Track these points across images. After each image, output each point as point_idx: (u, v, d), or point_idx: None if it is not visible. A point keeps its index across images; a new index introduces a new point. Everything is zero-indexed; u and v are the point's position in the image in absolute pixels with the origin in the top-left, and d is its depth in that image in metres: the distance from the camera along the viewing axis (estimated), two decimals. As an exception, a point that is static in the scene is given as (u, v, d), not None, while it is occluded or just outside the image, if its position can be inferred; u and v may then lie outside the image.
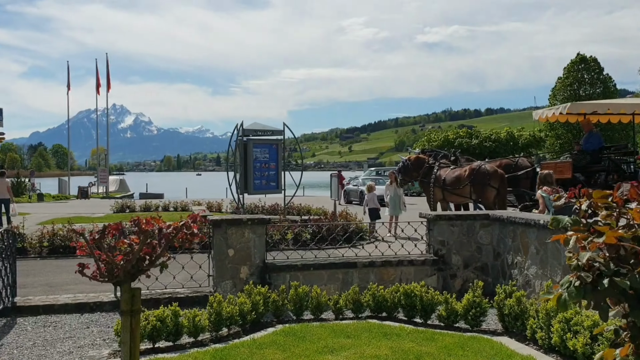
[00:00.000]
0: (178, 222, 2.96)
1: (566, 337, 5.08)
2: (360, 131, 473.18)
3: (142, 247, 2.72)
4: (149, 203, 23.52)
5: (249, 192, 16.21)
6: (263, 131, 16.50)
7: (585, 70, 47.71)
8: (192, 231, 2.88)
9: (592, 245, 1.98)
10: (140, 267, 2.84)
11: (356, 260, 8.06)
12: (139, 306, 3.02)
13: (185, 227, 2.86)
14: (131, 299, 2.92)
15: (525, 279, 7.70)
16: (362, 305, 6.82)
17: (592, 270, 1.93)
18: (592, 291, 1.89)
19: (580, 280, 1.91)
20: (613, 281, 1.84)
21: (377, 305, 6.80)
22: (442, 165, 13.93)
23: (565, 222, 2.15)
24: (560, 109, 12.23)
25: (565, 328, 5.16)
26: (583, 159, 12.58)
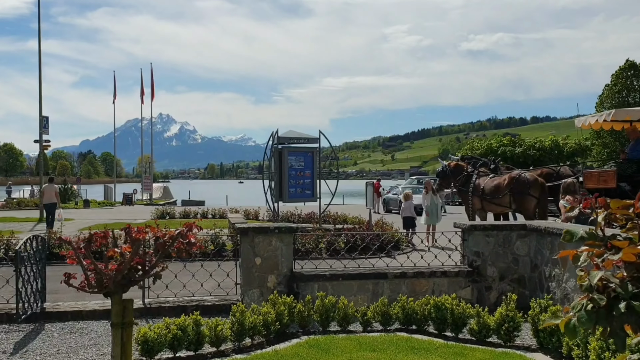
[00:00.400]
0: (174, 230, 2.87)
1: (604, 357, 4.78)
2: (403, 139, 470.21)
3: (133, 256, 2.64)
4: (188, 210, 23.82)
5: (283, 201, 16.18)
6: (298, 139, 16.46)
7: (635, 77, 45.99)
8: (189, 240, 2.79)
9: (607, 262, 1.78)
10: (132, 277, 2.77)
11: (387, 271, 7.87)
12: (131, 319, 2.94)
13: (181, 236, 2.77)
14: (122, 311, 2.82)
15: (564, 292, 7.35)
16: (391, 317, 6.64)
17: (607, 291, 1.73)
18: (606, 316, 1.69)
19: (593, 303, 1.72)
20: (631, 305, 1.64)
21: (406, 318, 6.60)
22: (481, 173, 13.57)
23: (580, 234, 1.96)
24: (604, 116, 11.73)
25: (603, 346, 4.86)
26: (629, 167, 12.01)
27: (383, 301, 6.70)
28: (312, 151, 16.52)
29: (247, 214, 22.20)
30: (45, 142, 25.04)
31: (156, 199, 49.30)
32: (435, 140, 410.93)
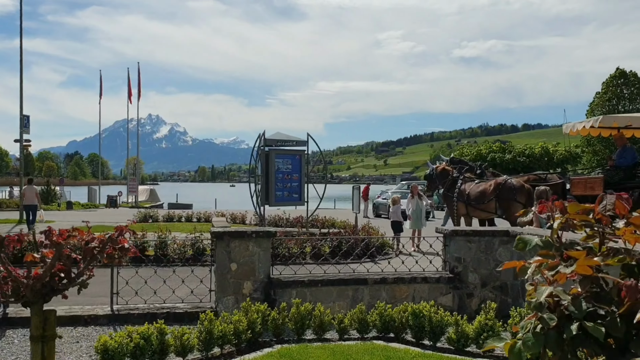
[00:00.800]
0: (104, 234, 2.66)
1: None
2: (395, 145, 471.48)
3: (54, 262, 2.42)
4: (172, 213, 23.49)
5: (270, 204, 15.93)
6: (286, 141, 16.23)
7: (625, 85, 46.20)
8: (122, 246, 2.57)
9: (560, 276, 1.59)
10: (54, 286, 2.54)
11: (367, 277, 7.68)
12: (53, 332, 2.70)
13: (112, 240, 2.56)
14: (43, 323, 2.56)
15: (547, 301, 7.19)
16: (368, 325, 6.44)
17: (559, 310, 1.53)
18: (556, 339, 1.48)
19: (542, 323, 1.52)
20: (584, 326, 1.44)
21: (384, 325, 6.41)
22: (466, 178, 13.42)
23: (535, 243, 1.77)
24: (591, 122, 11.62)
25: (583, 359, 4.70)
26: (616, 175, 11.89)
27: (360, 308, 6.51)
28: (300, 154, 16.30)
29: (234, 217, 21.94)
30: (25, 141, 24.63)
31: (142, 201, 48.81)
32: (427, 146, 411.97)
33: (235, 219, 21.74)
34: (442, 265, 8.20)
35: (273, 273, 7.53)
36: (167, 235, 12.07)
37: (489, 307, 6.07)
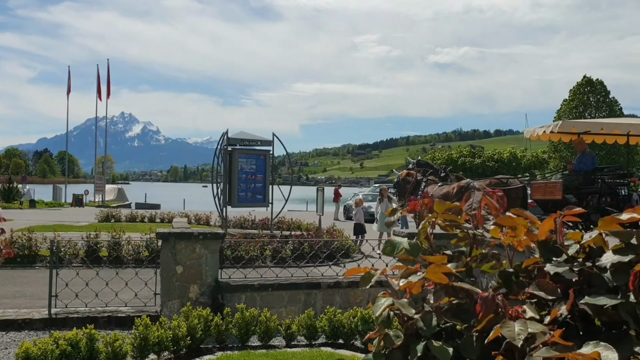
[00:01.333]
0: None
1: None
2: (372, 148, 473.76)
3: None
4: (135, 213, 23.01)
5: (232, 205, 15.67)
6: (250, 141, 15.98)
7: (591, 92, 47.09)
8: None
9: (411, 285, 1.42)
10: None
11: (320, 281, 7.50)
12: None
13: None
14: None
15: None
16: (317, 330, 6.26)
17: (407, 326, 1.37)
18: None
19: (386, 342, 1.35)
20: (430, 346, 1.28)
21: (333, 331, 6.23)
22: (429, 181, 13.36)
23: (402, 247, 1.61)
24: (551, 127, 11.66)
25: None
26: (575, 179, 11.96)
27: (309, 314, 6.32)
28: (265, 154, 16.07)
29: (198, 218, 21.56)
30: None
31: (109, 201, 47.96)
32: (403, 150, 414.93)
33: (199, 219, 21.37)
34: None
35: (222, 277, 7.31)
36: (121, 236, 11.72)
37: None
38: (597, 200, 11.55)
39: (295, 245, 12.02)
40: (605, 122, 12.52)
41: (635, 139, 12.91)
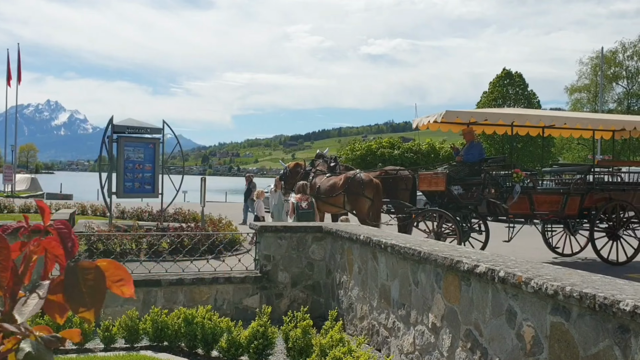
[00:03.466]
0: None
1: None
2: (304, 139, 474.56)
3: None
4: (29, 204, 21.57)
5: (118, 196, 14.77)
6: (139, 128, 15.10)
7: (510, 85, 48.54)
8: None
9: None
10: None
11: (160, 278, 6.92)
12: None
13: None
14: None
15: (349, 301, 6.79)
16: (139, 332, 5.70)
17: None
18: None
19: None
20: None
21: (157, 333, 5.69)
22: (318, 172, 13.02)
23: None
24: (435, 117, 11.54)
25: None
26: (461, 170, 11.93)
27: (131, 313, 5.75)
28: (155, 142, 15.24)
29: (95, 209, 20.44)
30: None
31: (20, 191, 45.41)
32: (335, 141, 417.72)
33: (95, 210, 20.27)
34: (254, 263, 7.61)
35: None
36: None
37: (264, 311, 5.49)
38: (480, 192, 11.54)
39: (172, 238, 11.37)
40: (489, 112, 12.54)
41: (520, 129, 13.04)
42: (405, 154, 40.82)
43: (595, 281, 3.61)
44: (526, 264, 4.32)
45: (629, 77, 47.86)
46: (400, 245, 5.45)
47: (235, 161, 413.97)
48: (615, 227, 11.97)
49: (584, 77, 48.84)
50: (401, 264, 5.58)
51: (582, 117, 12.68)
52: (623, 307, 3.01)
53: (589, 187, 11.68)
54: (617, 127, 12.44)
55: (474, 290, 4.40)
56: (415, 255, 5.15)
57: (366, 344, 5.90)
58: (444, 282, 4.82)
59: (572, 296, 3.35)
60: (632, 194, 11.91)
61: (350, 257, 6.76)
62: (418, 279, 5.26)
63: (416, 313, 5.28)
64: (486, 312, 4.24)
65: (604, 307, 3.14)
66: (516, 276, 3.83)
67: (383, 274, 5.97)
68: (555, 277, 3.69)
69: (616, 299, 3.08)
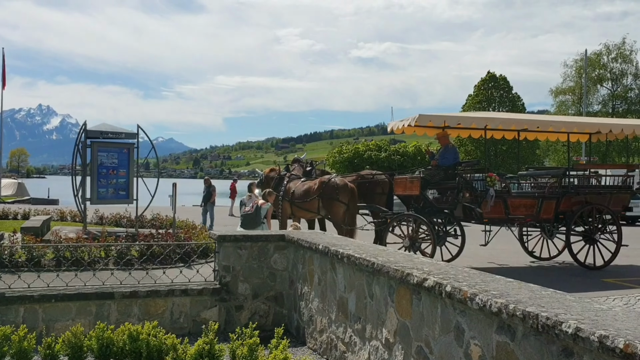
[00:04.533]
0: None
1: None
2: (296, 141, 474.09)
3: None
4: (7, 210, 21.20)
5: (91, 202, 14.49)
6: (113, 133, 14.82)
7: (494, 88, 48.60)
8: None
9: None
10: None
11: (114, 290, 6.65)
12: None
13: None
14: None
15: (310, 313, 6.56)
16: (83, 350, 5.43)
17: None
18: None
19: None
20: None
21: (102, 351, 5.41)
22: (292, 177, 12.78)
23: None
24: (409, 121, 11.36)
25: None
26: (436, 174, 11.75)
27: (75, 330, 5.48)
28: (130, 147, 14.97)
29: (74, 215, 20.07)
30: None
31: (7, 196, 44.92)
32: (327, 143, 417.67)
33: (75, 216, 19.89)
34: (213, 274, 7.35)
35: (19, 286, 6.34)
36: None
37: (210, 328, 5.23)
38: (455, 196, 11.37)
39: (141, 247, 11.09)
40: (462, 116, 12.37)
41: (496, 133, 12.87)
42: (392, 157, 40.68)
43: (544, 297, 3.40)
44: (478, 276, 4.11)
45: (614, 79, 48.00)
46: (356, 256, 5.23)
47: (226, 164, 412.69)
48: (592, 231, 11.82)
49: (569, 80, 48.97)
50: (357, 275, 5.35)
51: (555, 121, 12.54)
52: (565, 329, 2.79)
53: (564, 190, 11.53)
54: (592, 130, 12.30)
55: (424, 305, 4.18)
56: (370, 267, 4.93)
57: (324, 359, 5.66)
58: (397, 295, 4.60)
59: (515, 315, 3.14)
60: (608, 197, 11.76)
61: (311, 267, 6.53)
62: (373, 291, 5.04)
63: (371, 327, 5.06)
64: (436, 328, 4.03)
65: (546, 328, 2.92)
66: (462, 291, 3.62)
67: (341, 286, 5.74)
68: (502, 293, 3.47)
69: (559, 319, 2.85)
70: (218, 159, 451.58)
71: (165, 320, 6.76)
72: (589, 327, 2.65)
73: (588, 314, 2.93)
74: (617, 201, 11.91)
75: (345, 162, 42.07)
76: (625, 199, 12.13)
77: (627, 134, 12.04)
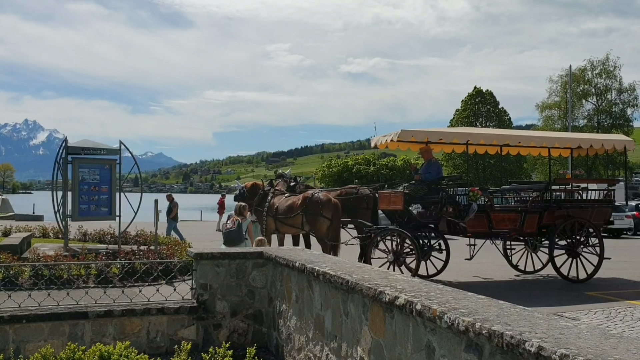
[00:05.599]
0: None
1: None
2: (286, 155, 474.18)
3: None
4: (-12, 227, 20.87)
5: (73, 219, 14.34)
6: (94, 149, 14.71)
7: (481, 103, 48.99)
8: None
9: None
10: None
11: (87, 310, 6.54)
12: None
13: None
14: None
15: (288, 331, 6.48)
16: (52, 373, 5.31)
17: None
18: None
19: None
20: None
21: (72, 372, 5.31)
22: (277, 192, 12.73)
23: None
24: (392, 136, 11.38)
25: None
26: (420, 189, 11.75)
27: (45, 351, 5.36)
28: (111, 164, 14.86)
29: (56, 232, 19.83)
30: None
31: (-10, 212, 44.49)
32: (318, 157, 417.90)
33: (57, 233, 19.64)
34: (191, 292, 7.26)
35: None
36: None
37: (183, 348, 5.15)
38: (439, 210, 11.36)
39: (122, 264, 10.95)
40: (444, 132, 12.41)
41: (477, 147, 12.91)
42: (380, 171, 40.75)
43: (512, 315, 3.37)
44: (450, 294, 4.07)
45: (598, 94, 48.59)
46: (331, 274, 5.18)
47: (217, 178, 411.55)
48: (575, 244, 11.85)
49: (554, 95, 49.51)
50: (333, 293, 5.30)
51: (537, 136, 12.62)
52: (528, 348, 2.76)
53: (546, 204, 11.56)
54: (573, 145, 12.39)
55: (397, 323, 4.14)
56: (344, 285, 4.88)
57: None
58: (370, 313, 4.56)
59: (481, 333, 3.11)
60: (590, 211, 11.82)
61: (289, 284, 6.47)
62: (348, 309, 4.99)
63: (347, 346, 5.00)
64: (408, 346, 3.98)
65: (511, 347, 2.89)
66: (432, 309, 3.58)
67: (317, 304, 5.68)
68: (470, 311, 3.44)
69: (522, 338, 2.83)
70: (208, 174, 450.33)
71: (141, 340, 6.65)
72: (551, 345, 2.63)
73: (553, 332, 2.90)
74: (599, 215, 11.97)
75: (335, 176, 42.10)
76: (607, 212, 12.20)
77: (607, 148, 12.13)
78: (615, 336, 2.81)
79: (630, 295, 10.51)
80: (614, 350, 2.53)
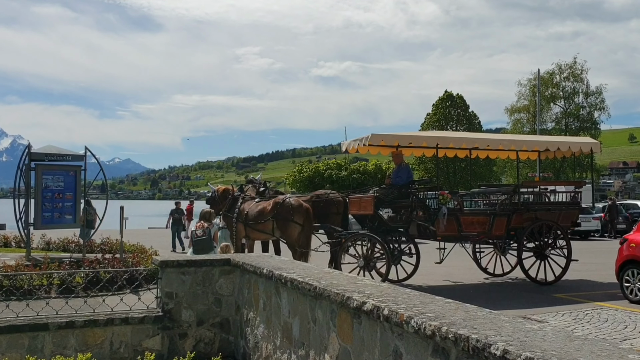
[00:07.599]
0: None
1: None
2: (257, 160, 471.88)
3: None
4: None
5: (35, 227, 13.94)
6: (59, 155, 14.35)
7: (452, 106, 49.57)
8: None
9: None
10: None
11: (48, 321, 6.31)
12: None
13: None
14: None
15: (255, 339, 6.35)
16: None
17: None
18: None
19: None
20: None
21: (30, 387, 5.11)
22: (246, 197, 12.58)
23: None
24: (363, 141, 11.37)
25: None
26: (390, 193, 11.75)
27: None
28: (76, 170, 14.50)
29: (18, 240, 19.26)
30: None
31: (-52, 222, 43.09)
32: (289, 162, 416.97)
33: (19, 242, 19.08)
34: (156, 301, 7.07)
35: None
36: None
37: (147, 359, 4.99)
38: (409, 214, 11.37)
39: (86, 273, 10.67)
40: (413, 136, 12.46)
41: (447, 151, 13.00)
42: (352, 175, 40.82)
43: (478, 318, 3.33)
44: (417, 298, 4.02)
45: (566, 98, 49.62)
46: (299, 280, 5.08)
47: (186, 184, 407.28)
48: (543, 246, 11.98)
49: (523, 98, 50.39)
50: (301, 299, 5.21)
51: (505, 139, 12.77)
52: (494, 351, 2.72)
53: (515, 207, 11.68)
54: (541, 148, 12.56)
55: (365, 329, 4.07)
56: (312, 291, 4.79)
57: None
58: (338, 319, 4.48)
59: (448, 337, 3.06)
60: (557, 213, 11.97)
61: (256, 292, 6.35)
62: (316, 316, 4.90)
63: (314, 353, 4.91)
64: (375, 352, 3.92)
65: (477, 350, 2.85)
66: (399, 314, 3.52)
67: (285, 311, 5.58)
68: (437, 315, 3.39)
69: (488, 341, 2.78)
70: (177, 179, 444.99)
71: (104, 351, 6.45)
72: (516, 348, 2.60)
73: (518, 334, 2.87)
74: (566, 217, 12.13)
75: (306, 181, 42.01)
76: (574, 214, 12.38)
77: (574, 151, 12.33)
78: (580, 338, 2.79)
79: (598, 297, 10.66)
80: (579, 352, 2.51)
